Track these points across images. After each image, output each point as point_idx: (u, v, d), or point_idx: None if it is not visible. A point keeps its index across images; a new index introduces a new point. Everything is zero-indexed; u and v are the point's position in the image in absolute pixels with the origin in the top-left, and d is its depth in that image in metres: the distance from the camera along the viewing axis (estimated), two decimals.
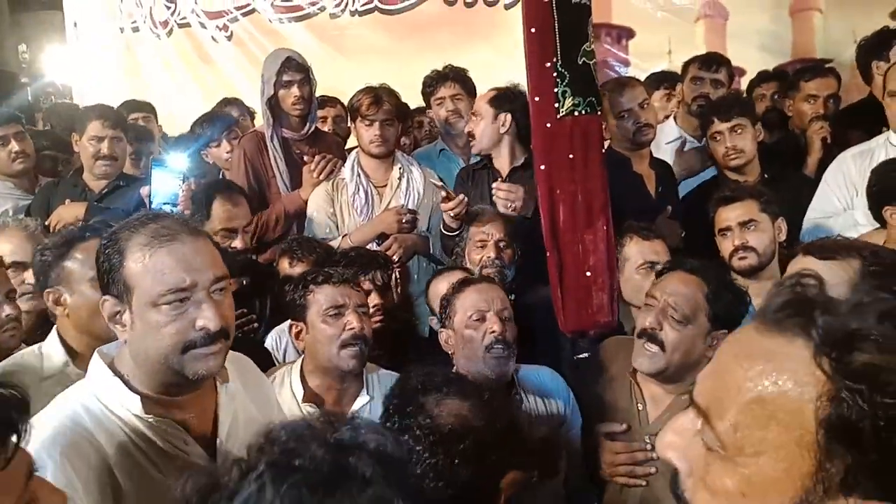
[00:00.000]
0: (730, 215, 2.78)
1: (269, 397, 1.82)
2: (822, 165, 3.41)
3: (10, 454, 1.00)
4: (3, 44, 9.44)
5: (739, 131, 3.26)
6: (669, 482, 0.88)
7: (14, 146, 3.78)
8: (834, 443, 0.71)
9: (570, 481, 2.23)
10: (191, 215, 2.58)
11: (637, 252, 2.74)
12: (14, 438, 1.01)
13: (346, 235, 3.30)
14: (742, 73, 4.81)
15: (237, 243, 2.54)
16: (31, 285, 2.54)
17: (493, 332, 2.18)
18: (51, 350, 2.04)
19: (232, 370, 1.58)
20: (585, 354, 2.75)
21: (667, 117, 4.18)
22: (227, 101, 4.63)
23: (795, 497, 0.73)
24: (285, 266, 2.94)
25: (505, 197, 2.98)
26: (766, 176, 3.28)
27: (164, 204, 2.56)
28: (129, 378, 1.45)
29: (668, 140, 3.98)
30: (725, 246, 2.78)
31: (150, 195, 2.76)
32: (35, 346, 2.09)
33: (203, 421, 1.51)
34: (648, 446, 2.08)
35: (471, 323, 2.21)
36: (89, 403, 1.43)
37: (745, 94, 4.29)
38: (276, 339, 2.72)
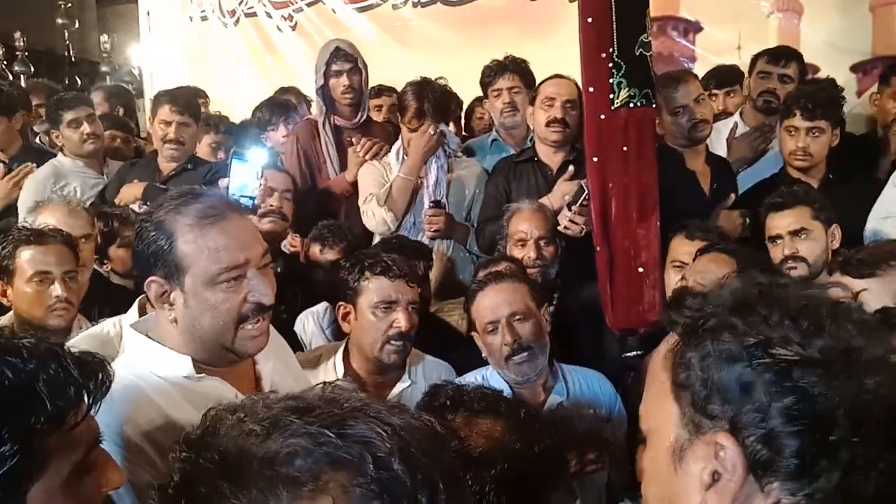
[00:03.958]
0: (780, 223, 2.65)
1: (295, 363, 1.85)
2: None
3: (79, 419, 1.02)
4: (89, 35, 9.86)
5: (817, 134, 3.05)
6: None
7: (86, 128, 3.91)
8: (681, 386, 0.84)
9: (615, 484, 2.17)
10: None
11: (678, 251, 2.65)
12: (85, 404, 1.03)
13: (396, 178, 3.26)
14: (816, 70, 4.59)
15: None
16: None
17: (508, 343, 2.15)
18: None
19: None
20: (634, 353, 2.69)
21: (730, 114, 4.02)
22: (284, 90, 4.70)
23: (673, 444, 0.84)
24: (316, 252, 2.95)
25: (584, 223, 2.84)
26: (831, 177, 3.11)
27: (242, 197, 2.59)
28: (173, 348, 1.47)
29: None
30: (775, 253, 2.65)
31: (227, 186, 2.79)
32: (115, 318, 2.12)
33: (247, 384, 1.55)
34: None
35: (487, 328, 2.20)
36: (140, 372, 1.44)
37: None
38: (304, 322, 2.73)
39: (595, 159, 2.68)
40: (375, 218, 3.24)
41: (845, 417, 0.76)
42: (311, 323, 2.71)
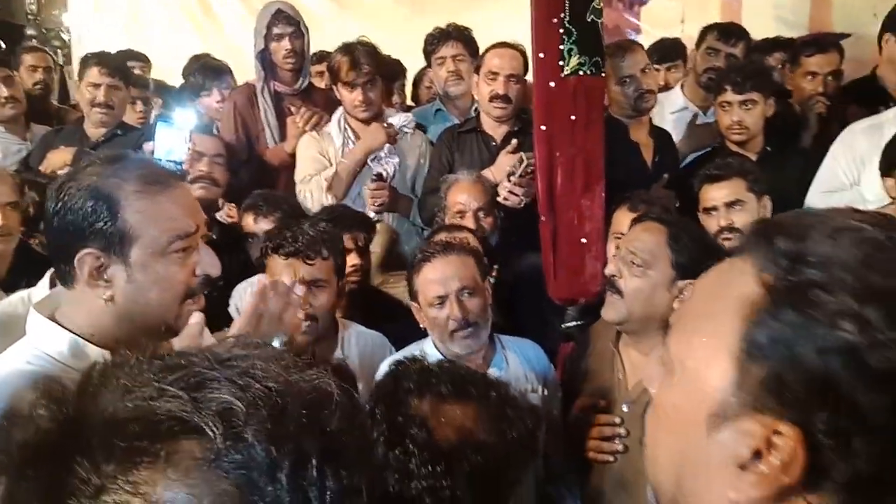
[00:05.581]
0: (716, 195, 2.66)
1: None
2: (818, 140, 3.31)
3: None
4: None
5: (750, 107, 3.10)
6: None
7: (3, 91, 3.74)
8: (754, 354, 0.67)
9: (550, 459, 2.15)
10: None
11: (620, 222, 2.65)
12: None
13: (341, 163, 3.17)
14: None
15: None
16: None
17: (456, 318, 2.04)
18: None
19: None
20: (574, 323, 2.69)
21: (669, 88, 4.03)
22: (197, 58, 4.46)
23: (714, 407, 0.69)
24: (249, 222, 2.84)
25: (523, 195, 2.82)
26: (768, 149, 3.15)
27: (168, 161, 2.48)
28: (83, 334, 1.33)
29: (673, 109, 3.84)
30: (710, 225, 2.66)
31: (153, 151, 2.67)
32: (24, 292, 2.04)
33: None
34: (617, 419, 1.99)
35: (434, 302, 2.08)
36: (48, 366, 1.29)
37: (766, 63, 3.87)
38: (241, 293, 2.60)
39: (543, 128, 2.66)
40: (314, 199, 3.16)
41: None
42: (248, 295, 2.61)
